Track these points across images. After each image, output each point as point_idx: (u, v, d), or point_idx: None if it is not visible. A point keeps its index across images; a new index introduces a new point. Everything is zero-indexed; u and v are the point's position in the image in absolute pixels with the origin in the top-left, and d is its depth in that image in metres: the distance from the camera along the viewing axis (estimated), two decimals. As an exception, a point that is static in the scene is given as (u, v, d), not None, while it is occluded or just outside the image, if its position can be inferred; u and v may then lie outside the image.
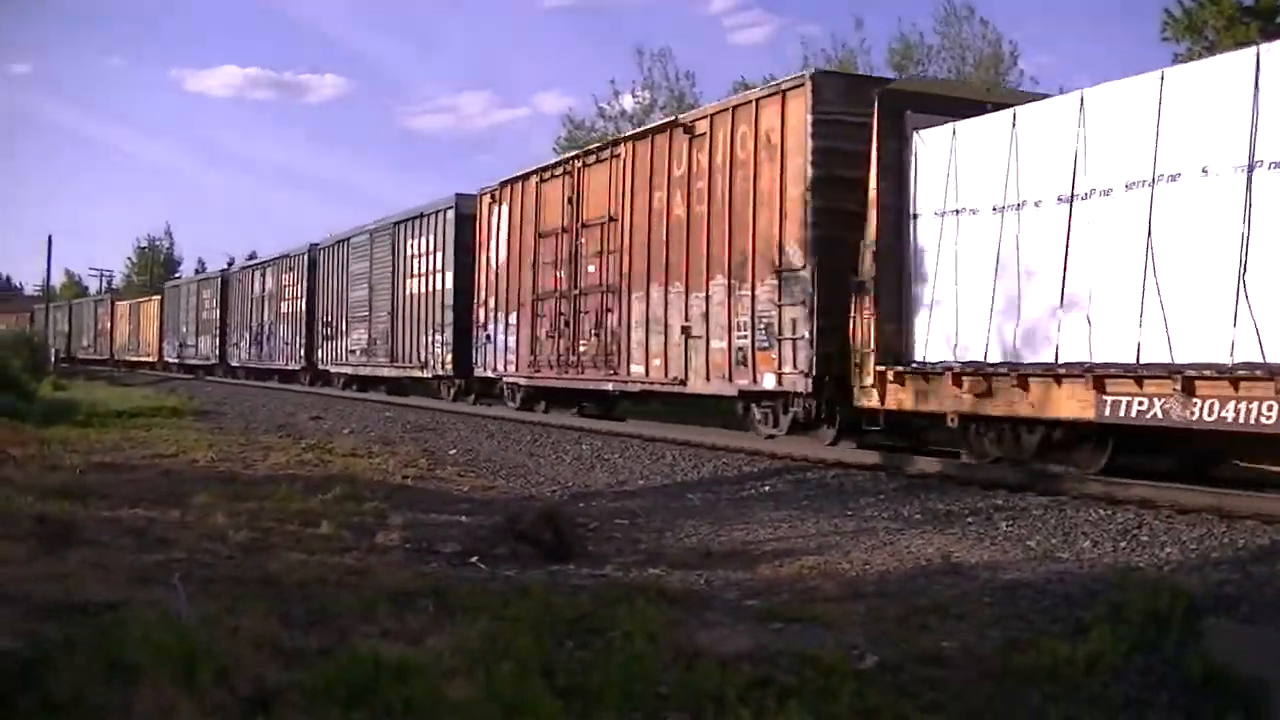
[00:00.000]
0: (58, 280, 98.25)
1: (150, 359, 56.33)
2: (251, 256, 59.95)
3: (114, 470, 12.84)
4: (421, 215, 26.92)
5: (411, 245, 27.25)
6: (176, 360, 51.60)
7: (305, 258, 35.83)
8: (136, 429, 19.17)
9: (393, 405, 25.57)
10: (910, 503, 10.53)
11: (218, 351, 45.99)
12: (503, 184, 22.56)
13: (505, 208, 22.40)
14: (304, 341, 35.90)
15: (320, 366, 34.85)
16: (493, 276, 22.94)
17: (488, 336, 23.21)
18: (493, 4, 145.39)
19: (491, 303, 22.95)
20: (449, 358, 25.19)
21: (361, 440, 17.73)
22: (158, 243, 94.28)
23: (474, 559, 8.09)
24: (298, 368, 36.79)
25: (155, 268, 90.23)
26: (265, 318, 40.27)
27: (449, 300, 25.14)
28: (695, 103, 33.66)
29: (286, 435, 18.53)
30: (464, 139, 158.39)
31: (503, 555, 8.22)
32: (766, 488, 12.10)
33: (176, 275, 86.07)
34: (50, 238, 58.37)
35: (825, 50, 33.83)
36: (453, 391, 26.05)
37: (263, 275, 40.88)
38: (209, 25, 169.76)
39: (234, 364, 44.07)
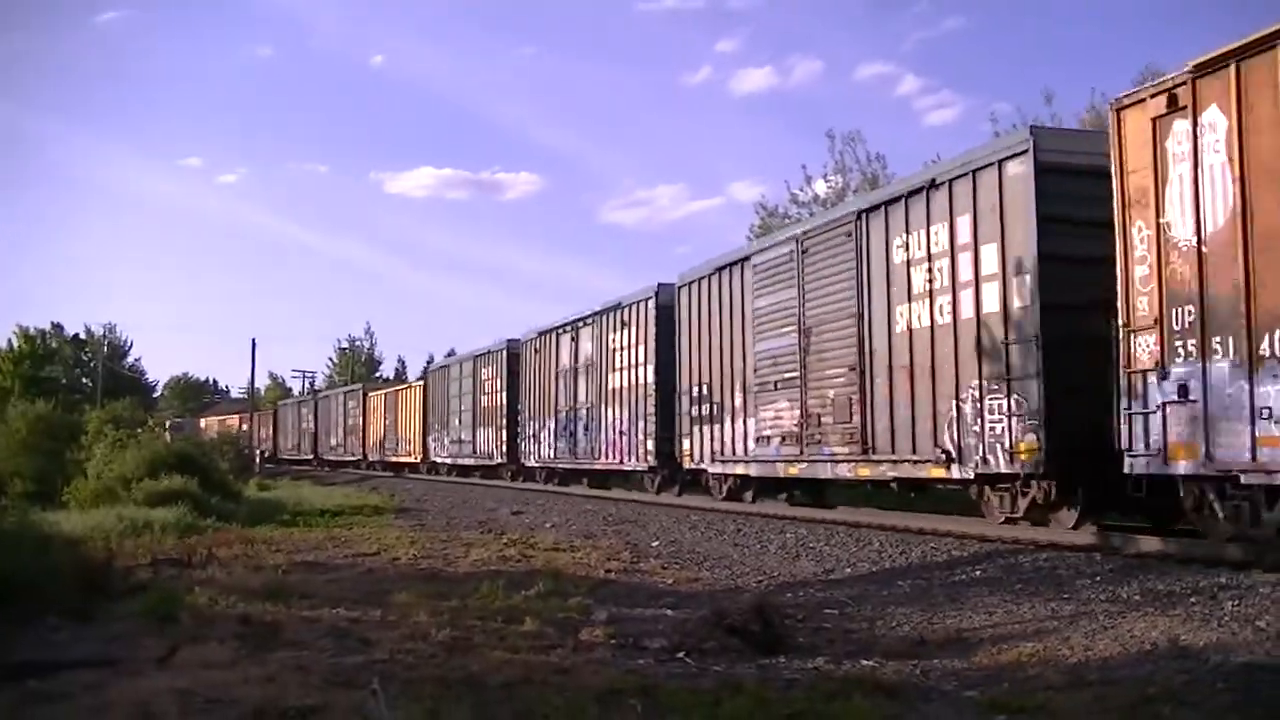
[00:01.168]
0: (262, 382, 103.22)
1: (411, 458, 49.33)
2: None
3: (316, 570, 13.28)
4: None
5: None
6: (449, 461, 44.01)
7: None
8: (339, 528, 19.84)
9: (593, 499, 25.80)
10: (1129, 584, 10.15)
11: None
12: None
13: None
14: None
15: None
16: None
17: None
18: (685, 97, 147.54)
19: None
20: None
21: (563, 534, 17.93)
22: (358, 343, 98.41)
23: (681, 654, 8.02)
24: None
25: (356, 367, 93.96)
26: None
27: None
28: (889, 182, 33.52)
29: (488, 531, 18.86)
30: (658, 230, 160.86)
31: (711, 650, 8.14)
32: (978, 572, 11.84)
33: (377, 375, 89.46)
34: (254, 341, 61.40)
35: (1016, 125, 33.07)
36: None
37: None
38: (405, 129, 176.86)
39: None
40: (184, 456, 24.70)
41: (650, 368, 25.59)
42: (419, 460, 47.76)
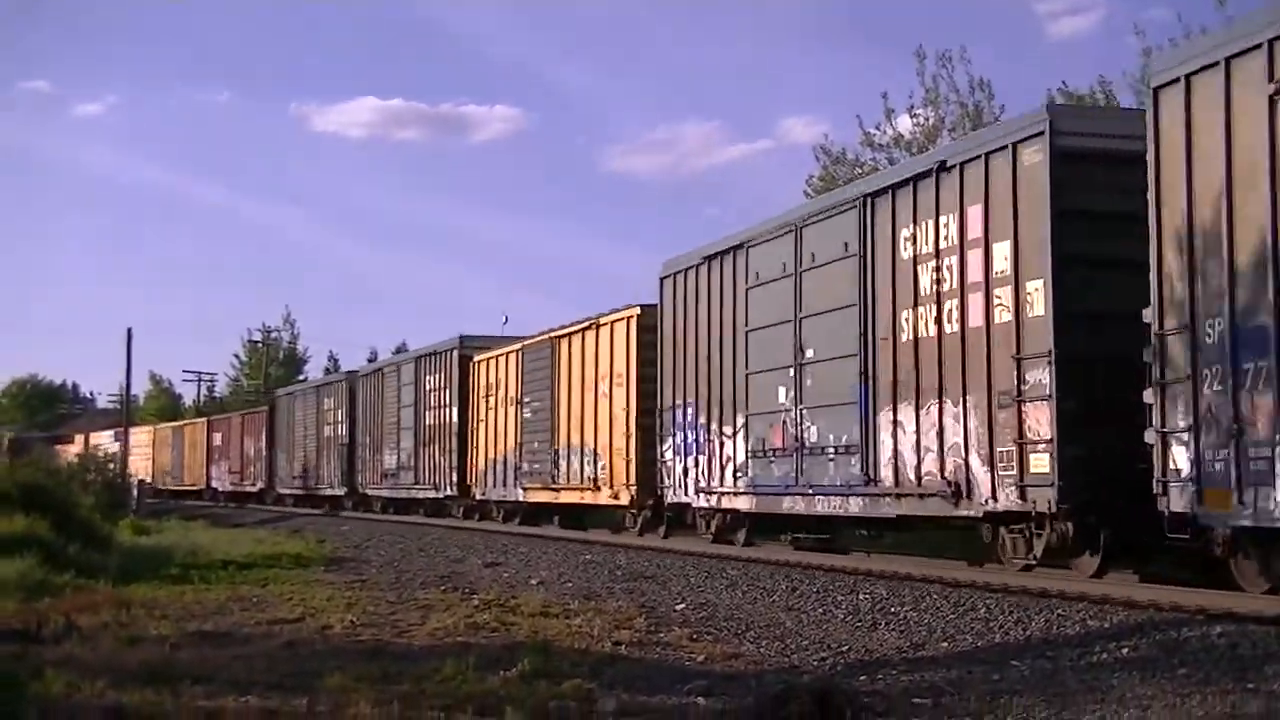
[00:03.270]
0: (140, 388, 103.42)
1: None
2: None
3: (217, 642, 13.29)
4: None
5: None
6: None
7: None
8: (248, 584, 19.87)
9: (594, 546, 25.82)
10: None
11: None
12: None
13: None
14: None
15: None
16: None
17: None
18: (719, 3, 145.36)
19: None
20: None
21: (555, 593, 17.96)
22: (274, 335, 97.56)
23: (718, 759, 8.02)
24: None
25: (271, 367, 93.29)
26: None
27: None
28: (996, 118, 33.35)
29: (453, 589, 18.90)
30: (684, 182, 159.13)
31: (759, 753, 8.12)
32: (1125, 650, 11.70)
33: (301, 376, 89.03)
34: (130, 331, 61.38)
35: (1173, 39, 32.27)
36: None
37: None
38: (339, 45, 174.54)
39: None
40: (31, 488, 24.67)
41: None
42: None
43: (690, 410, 24.85)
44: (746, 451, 22.50)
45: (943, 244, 17.32)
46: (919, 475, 17.59)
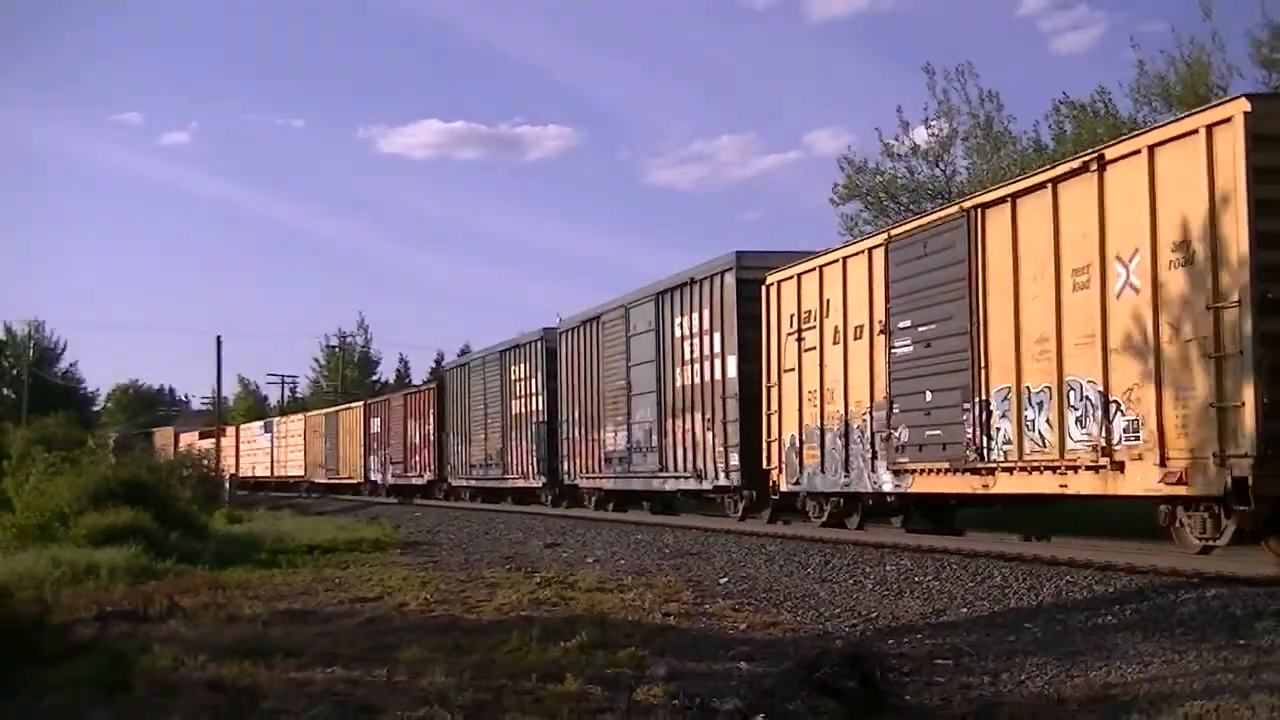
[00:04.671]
0: (230, 390, 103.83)
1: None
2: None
3: (304, 620, 13.39)
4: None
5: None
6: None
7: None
8: (331, 568, 19.99)
9: (644, 526, 25.79)
10: (1326, 628, 10.04)
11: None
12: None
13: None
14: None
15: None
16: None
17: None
18: (752, 25, 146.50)
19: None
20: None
21: (610, 570, 18.02)
22: (349, 339, 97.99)
23: (760, 718, 8.02)
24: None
25: (348, 370, 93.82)
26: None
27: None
28: (1005, 130, 33.54)
29: (516, 568, 18.97)
30: (721, 192, 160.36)
31: (797, 713, 8.13)
32: (1128, 612, 11.74)
33: (374, 378, 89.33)
34: (219, 340, 61.60)
35: (1166, 52, 32.56)
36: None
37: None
38: (404, 72, 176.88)
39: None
40: (135, 484, 24.84)
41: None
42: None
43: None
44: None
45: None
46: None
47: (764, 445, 23.21)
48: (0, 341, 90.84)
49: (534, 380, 36.92)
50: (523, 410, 37.96)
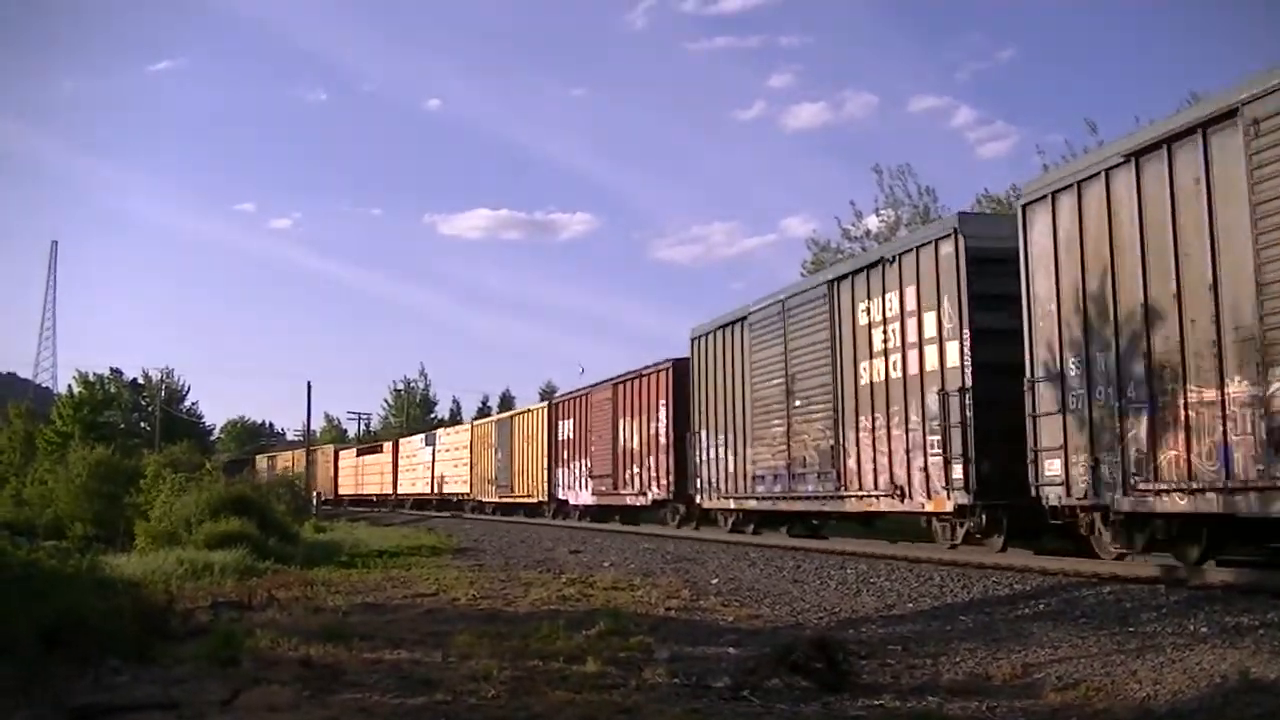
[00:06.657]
0: (317, 424, 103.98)
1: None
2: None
3: (375, 611, 13.33)
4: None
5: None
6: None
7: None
8: (397, 569, 19.93)
9: (651, 537, 25.68)
10: (1195, 616, 10.07)
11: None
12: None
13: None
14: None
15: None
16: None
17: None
18: (737, 133, 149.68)
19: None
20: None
21: (622, 572, 17.93)
22: (413, 384, 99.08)
23: (745, 693, 7.98)
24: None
25: (411, 408, 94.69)
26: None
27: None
28: (939, 217, 33.65)
29: (546, 570, 18.89)
30: (712, 267, 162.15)
31: (775, 688, 8.10)
32: (1042, 606, 11.74)
33: (432, 416, 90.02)
34: (310, 384, 61.74)
35: (1065, 158, 32.70)
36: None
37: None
38: (460, 171, 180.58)
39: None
40: (242, 499, 24.89)
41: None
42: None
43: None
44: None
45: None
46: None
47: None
48: (139, 385, 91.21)
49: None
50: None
